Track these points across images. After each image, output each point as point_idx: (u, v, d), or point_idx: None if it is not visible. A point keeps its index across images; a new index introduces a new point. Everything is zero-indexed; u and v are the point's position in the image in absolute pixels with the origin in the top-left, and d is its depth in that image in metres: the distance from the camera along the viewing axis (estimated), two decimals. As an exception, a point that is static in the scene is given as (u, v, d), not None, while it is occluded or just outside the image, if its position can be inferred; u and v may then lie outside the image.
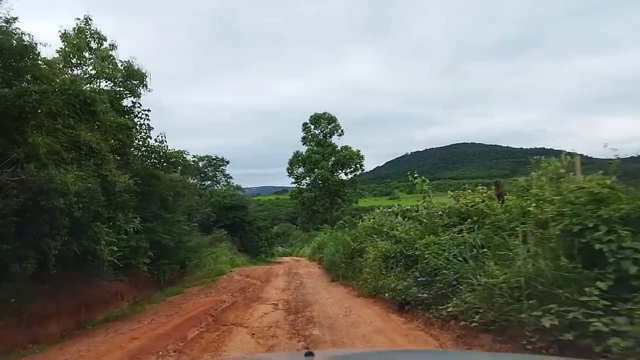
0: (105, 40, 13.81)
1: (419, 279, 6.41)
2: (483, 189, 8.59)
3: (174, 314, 8.74)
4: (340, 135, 40.86)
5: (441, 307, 5.21)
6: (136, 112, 13.58)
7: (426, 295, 5.84)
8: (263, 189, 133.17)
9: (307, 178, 40.48)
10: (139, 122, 13.76)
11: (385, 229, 9.15)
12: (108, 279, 11.51)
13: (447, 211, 8.36)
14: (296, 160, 40.67)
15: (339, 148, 40.69)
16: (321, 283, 12.84)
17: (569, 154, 5.85)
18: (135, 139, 13.20)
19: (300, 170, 40.82)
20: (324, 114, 40.63)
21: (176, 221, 16.36)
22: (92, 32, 13.59)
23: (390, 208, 9.65)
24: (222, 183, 41.15)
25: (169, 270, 16.44)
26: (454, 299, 5.06)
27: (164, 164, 14.12)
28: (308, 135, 40.83)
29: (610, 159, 4.79)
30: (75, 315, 8.99)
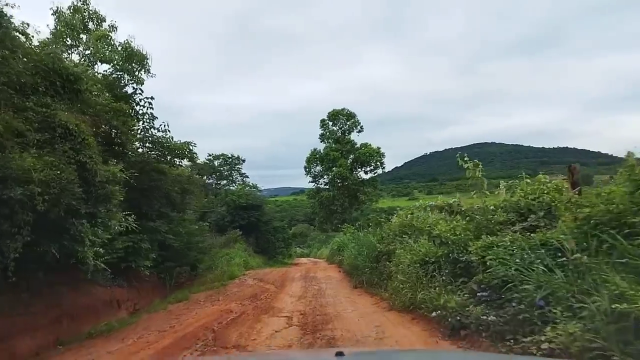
0: (105, 21, 12.62)
1: (478, 294, 4.79)
2: (545, 177, 6.90)
3: (168, 329, 7.31)
4: (359, 132, 39.08)
5: (525, 340, 3.59)
6: (137, 100, 12.28)
7: (494, 317, 4.21)
8: (281, 190, 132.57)
9: (325, 177, 38.84)
10: (140, 111, 12.49)
11: (426, 227, 7.51)
12: (103, 284, 10.21)
13: (501, 205, 6.71)
14: (314, 158, 39.07)
15: (358, 145, 38.97)
16: (342, 290, 11.27)
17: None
18: (136, 128, 11.92)
19: (318, 168, 39.18)
20: (343, 109, 38.96)
21: (182, 220, 15.02)
22: (91, 12, 12.40)
23: (431, 203, 7.76)
24: (238, 182, 40.04)
25: (177, 273, 15.20)
26: (547, 327, 3.43)
27: (168, 157, 12.79)
28: (326, 132, 39.16)
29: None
30: (56, 329, 7.65)
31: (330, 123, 39.34)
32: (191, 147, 12.86)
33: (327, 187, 38.78)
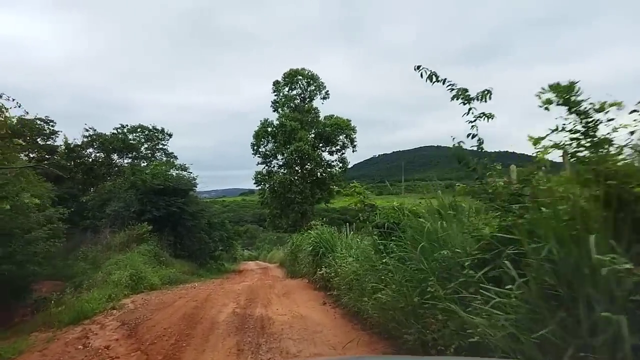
0: None
1: None
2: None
3: None
4: (324, 98, 30.13)
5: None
6: None
7: None
8: (229, 191, 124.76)
9: (278, 156, 29.35)
10: None
11: None
12: None
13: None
14: (264, 132, 29.48)
15: (321, 118, 30.04)
16: None
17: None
18: None
19: (270, 146, 29.71)
20: (303, 69, 29.84)
21: None
22: None
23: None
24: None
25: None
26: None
27: None
28: (281, 98, 29.76)
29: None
30: None
31: (287, 88, 30.12)
32: None
33: (283, 169, 29.49)
